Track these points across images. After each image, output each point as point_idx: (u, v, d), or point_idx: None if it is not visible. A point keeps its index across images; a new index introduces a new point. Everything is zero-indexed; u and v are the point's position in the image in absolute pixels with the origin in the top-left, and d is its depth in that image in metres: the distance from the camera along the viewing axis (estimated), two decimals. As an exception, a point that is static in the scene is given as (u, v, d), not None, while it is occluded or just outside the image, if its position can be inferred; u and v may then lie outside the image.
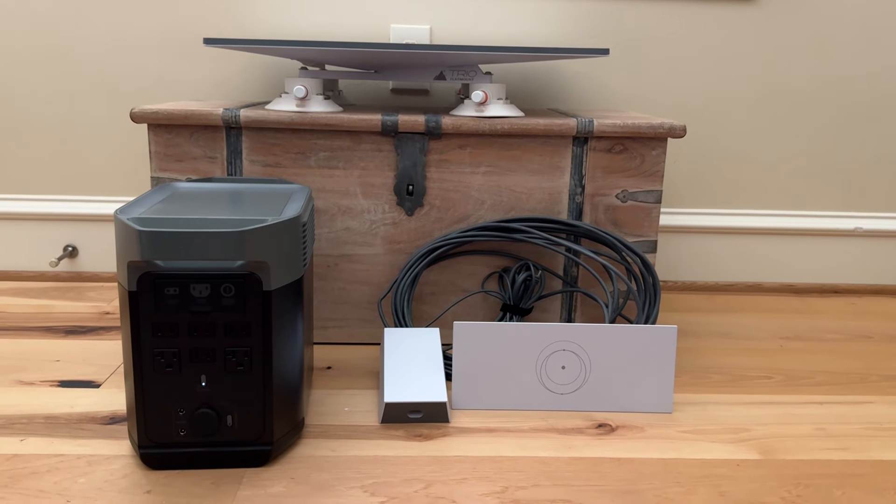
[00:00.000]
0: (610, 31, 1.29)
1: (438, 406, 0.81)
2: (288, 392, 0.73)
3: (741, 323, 1.19)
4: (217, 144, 0.98)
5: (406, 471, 0.72)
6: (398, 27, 1.27)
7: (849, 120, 1.34)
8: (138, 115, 0.96)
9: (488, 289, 1.04)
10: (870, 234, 1.37)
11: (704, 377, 0.97)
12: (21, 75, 1.27)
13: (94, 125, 1.30)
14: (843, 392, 0.94)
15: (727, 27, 1.29)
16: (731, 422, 0.84)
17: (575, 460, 0.75)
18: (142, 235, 0.65)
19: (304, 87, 0.98)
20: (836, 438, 0.81)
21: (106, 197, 1.32)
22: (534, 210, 1.02)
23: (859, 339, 1.13)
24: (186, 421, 0.70)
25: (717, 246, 1.37)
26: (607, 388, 0.85)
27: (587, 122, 0.98)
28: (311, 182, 0.99)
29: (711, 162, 1.35)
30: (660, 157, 1.00)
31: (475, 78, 1.05)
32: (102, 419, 0.81)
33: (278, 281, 0.69)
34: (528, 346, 0.85)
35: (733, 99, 1.32)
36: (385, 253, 1.02)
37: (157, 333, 0.68)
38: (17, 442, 0.76)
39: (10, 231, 1.32)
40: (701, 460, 0.76)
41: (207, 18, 1.26)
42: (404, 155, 0.99)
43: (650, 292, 0.96)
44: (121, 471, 0.71)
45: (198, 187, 0.85)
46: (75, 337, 1.05)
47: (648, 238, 1.03)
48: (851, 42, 1.30)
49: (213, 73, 1.28)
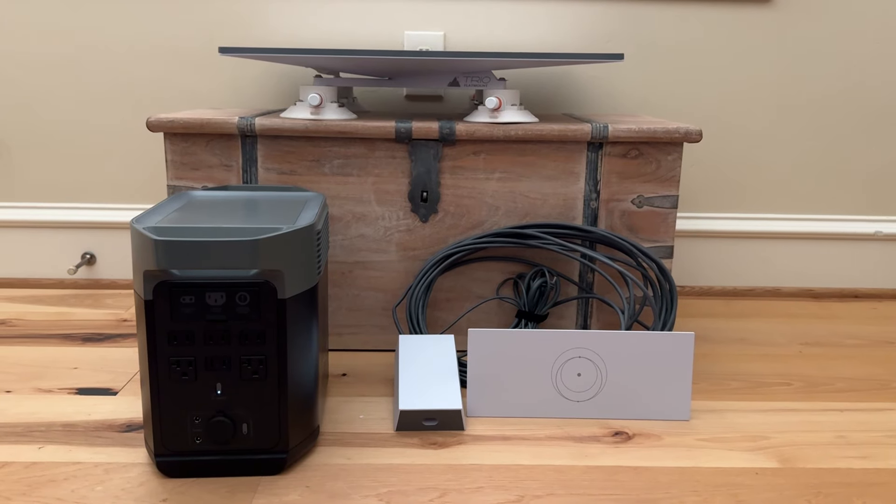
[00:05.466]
0: (624, 34, 1.28)
1: (453, 413, 0.81)
2: (303, 400, 0.73)
3: (759, 328, 1.17)
4: (232, 153, 0.99)
5: (421, 479, 0.72)
6: (412, 34, 1.27)
7: (868, 123, 1.32)
8: (154, 123, 0.97)
9: (503, 295, 1.03)
10: (890, 238, 1.35)
11: (722, 384, 0.96)
12: (38, 83, 1.29)
13: (111, 133, 1.31)
14: (863, 399, 0.92)
15: (743, 29, 1.28)
16: (749, 429, 0.83)
17: (591, 469, 0.75)
18: (158, 245, 0.65)
19: (319, 95, 0.98)
20: (856, 446, 0.80)
21: (123, 204, 1.33)
22: (548, 216, 1.01)
23: (880, 344, 1.12)
24: (202, 429, 0.70)
25: (735, 250, 1.35)
26: (624, 396, 0.85)
27: (602, 127, 0.98)
28: (325, 189, 1.00)
29: (729, 165, 1.33)
30: (676, 162, 1.00)
31: (489, 84, 1.05)
32: (119, 427, 0.82)
33: (293, 289, 0.69)
34: (543, 353, 0.84)
35: (750, 102, 1.31)
36: (399, 259, 1.02)
37: (172, 342, 0.68)
38: (35, 449, 0.76)
39: (28, 239, 1.33)
40: (719, 468, 0.75)
41: (222, 27, 1.27)
42: (418, 161, 0.99)
43: (667, 298, 0.95)
44: (137, 479, 0.71)
45: (213, 195, 0.86)
46: (93, 344, 1.06)
47: (665, 243, 1.02)
48: (870, 44, 1.29)
49: (229, 82, 1.29)
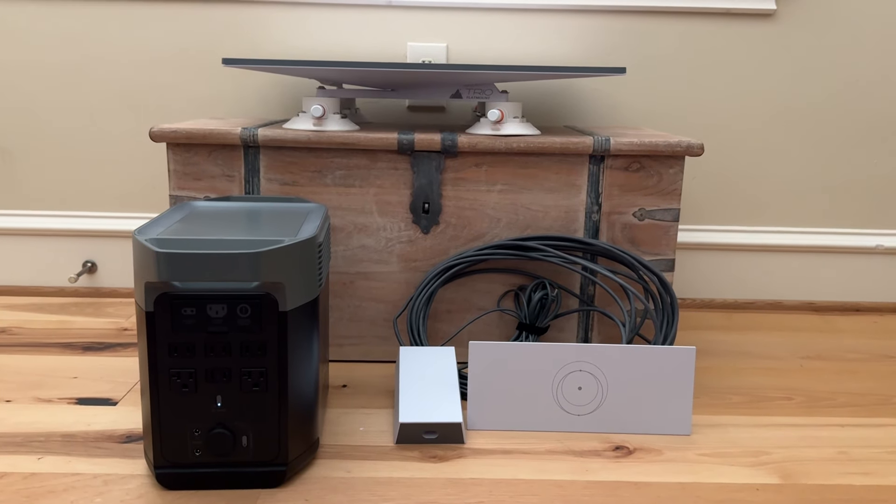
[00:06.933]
0: (627, 47, 1.28)
1: (454, 427, 0.81)
2: (303, 412, 0.73)
3: (761, 342, 1.17)
4: (235, 163, 0.99)
5: (421, 493, 0.72)
6: (415, 45, 1.27)
7: (869, 136, 1.32)
8: (157, 134, 0.97)
9: (504, 307, 1.03)
10: (891, 252, 1.35)
11: (723, 398, 0.96)
12: (42, 92, 1.29)
13: (114, 142, 1.31)
14: (865, 414, 0.92)
15: (745, 43, 1.28)
16: (750, 444, 0.83)
17: (592, 484, 0.74)
18: (159, 257, 0.65)
19: (322, 106, 0.98)
20: (858, 462, 0.80)
21: (125, 213, 1.33)
22: (550, 228, 1.01)
23: (882, 358, 1.11)
24: (202, 441, 0.70)
25: (737, 263, 1.35)
26: (625, 410, 0.85)
27: (604, 140, 0.98)
28: (327, 200, 1.00)
29: (730, 178, 1.34)
30: (677, 176, 1.00)
31: (491, 96, 1.05)
32: (119, 438, 0.81)
33: (294, 301, 0.69)
34: (544, 367, 0.84)
35: (752, 115, 1.31)
36: (401, 271, 1.02)
37: (173, 353, 0.68)
38: (34, 460, 0.76)
39: (29, 247, 1.33)
40: (720, 484, 0.75)
41: (226, 38, 1.27)
42: (420, 173, 0.99)
43: (668, 312, 0.95)
44: (136, 490, 0.71)
45: (215, 206, 0.86)
46: (93, 353, 1.05)
47: (666, 257, 1.02)
48: (872, 57, 1.29)
49: (232, 92, 1.29)
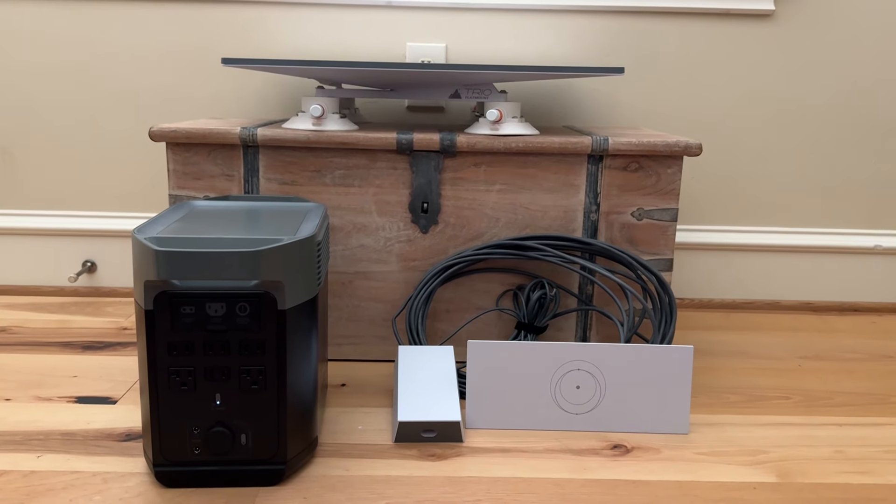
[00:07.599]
0: (625, 47, 1.29)
1: (452, 425, 0.81)
2: (302, 411, 0.73)
3: (759, 342, 1.17)
4: (234, 163, 0.99)
5: (419, 491, 0.72)
6: (414, 45, 1.28)
7: (868, 137, 1.33)
8: (157, 133, 0.97)
9: (503, 307, 1.04)
10: (890, 252, 1.35)
11: (721, 397, 0.96)
12: (41, 91, 1.29)
13: (114, 142, 1.31)
14: (862, 413, 0.92)
15: (744, 43, 1.29)
16: (748, 443, 0.83)
17: (589, 482, 0.75)
18: (159, 255, 0.65)
19: (321, 106, 0.99)
20: (855, 461, 0.80)
21: (125, 213, 1.34)
22: (549, 228, 1.02)
23: (880, 358, 1.12)
24: (201, 439, 0.70)
25: (735, 263, 1.36)
26: (623, 409, 0.85)
27: (602, 140, 0.98)
28: (326, 200, 1.00)
29: (729, 178, 1.34)
30: (675, 176, 1.00)
31: (490, 96, 1.06)
32: (118, 436, 0.82)
33: (293, 300, 0.70)
34: (542, 366, 0.84)
35: (750, 115, 1.32)
36: (400, 270, 1.02)
37: (172, 352, 0.68)
38: (34, 458, 0.76)
39: (29, 246, 1.33)
40: (717, 483, 0.75)
41: (226, 37, 1.27)
42: (419, 173, 0.99)
43: (666, 311, 0.95)
44: (136, 488, 0.71)
45: (214, 205, 0.86)
46: (93, 352, 1.06)
47: (664, 256, 1.02)
48: (871, 58, 1.29)
49: (232, 92, 1.30)
